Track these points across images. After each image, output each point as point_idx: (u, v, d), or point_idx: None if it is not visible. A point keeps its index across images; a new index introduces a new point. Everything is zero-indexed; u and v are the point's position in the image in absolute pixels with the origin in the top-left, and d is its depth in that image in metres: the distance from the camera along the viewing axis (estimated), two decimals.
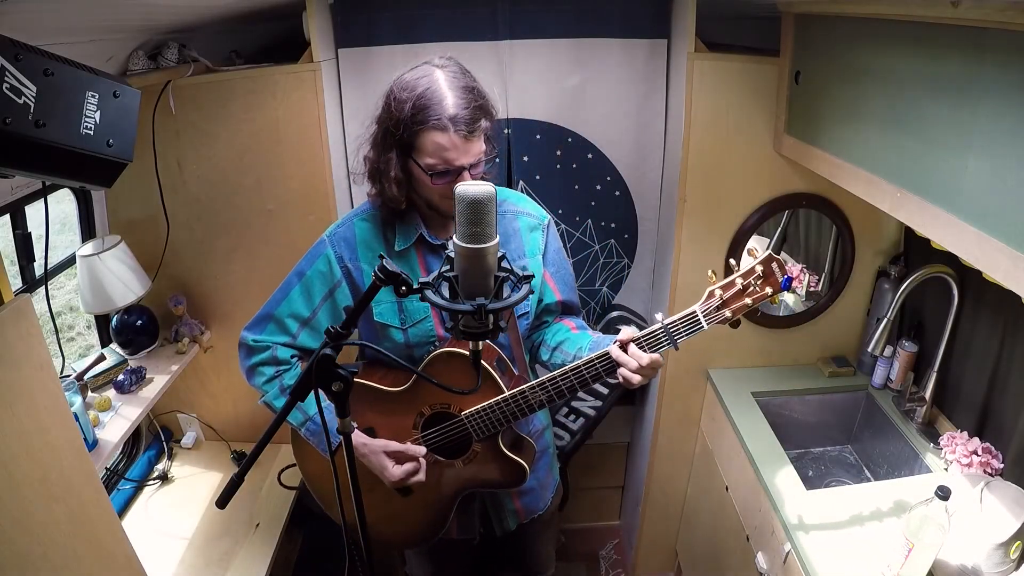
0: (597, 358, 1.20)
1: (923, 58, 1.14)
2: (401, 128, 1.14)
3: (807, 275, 2.15)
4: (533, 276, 0.94)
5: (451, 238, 1.27)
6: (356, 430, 1.28)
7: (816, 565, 1.34)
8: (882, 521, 1.43)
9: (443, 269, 0.91)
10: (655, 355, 1.17)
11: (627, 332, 1.19)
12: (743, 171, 1.81)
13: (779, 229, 2.19)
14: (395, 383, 1.30)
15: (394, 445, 1.26)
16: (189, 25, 1.66)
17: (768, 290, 1.17)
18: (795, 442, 1.94)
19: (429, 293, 0.90)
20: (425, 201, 1.24)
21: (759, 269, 1.17)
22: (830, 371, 1.97)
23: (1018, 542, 1.25)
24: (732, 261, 1.21)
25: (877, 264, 1.94)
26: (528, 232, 1.36)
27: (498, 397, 1.24)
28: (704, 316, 1.19)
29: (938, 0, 1.03)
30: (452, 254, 0.90)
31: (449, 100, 1.12)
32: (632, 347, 1.17)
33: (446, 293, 0.91)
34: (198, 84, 1.70)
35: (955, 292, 1.60)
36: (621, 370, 1.18)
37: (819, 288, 2.07)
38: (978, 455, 1.51)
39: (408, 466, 1.25)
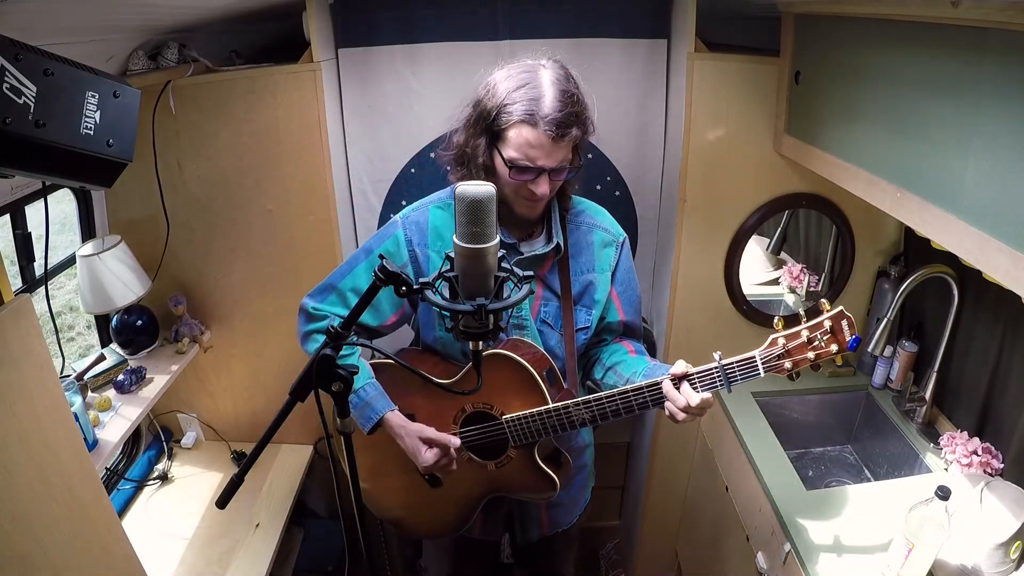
0: (647, 387, 1.18)
1: (923, 58, 1.14)
2: (494, 114, 1.14)
3: (807, 275, 2.15)
4: (533, 276, 0.94)
5: (522, 240, 1.29)
6: (397, 411, 1.29)
7: (816, 565, 1.34)
8: (882, 521, 1.43)
9: (443, 269, 0.91)
10: (707, 395, 1.13)
11: (681, 366, 1.16)
12: (743, 171, 1.81)
13: (779, 229, 2.20)
14: (444, 375, 1.30)
15: (429, 431, 1.26)
16: (189, 25, 1.66)
17: (834, 348, 1.11)
18: (795, 442, 1.94)
19: (429, 293, 0.90)
20: (502, 197, 1.22)
21: (827, 324, 1.11)
22: (830, 371, 1.97)
23: (1018, 542, 1.25)
24: (802, 311, 1.16)
25: (877, 264, 1.94)
26: (601, 247, 1.35)
27: (541, 408, 1.23)
28: (763, 363, 1.14)
29: (938, 0, 1.03)
30: (452, 254, 0.90)
31: (547, 98, 1.12)
32: (684, 385, 1.15)
33: (447, 293, 0.91)
34: (198, 84, 1.70)
35: (955, 292, 1.60)
36: (668, 404, 1.16)
37: (819, 288, 2.08)
38: (978, 455, 1.51)
39: (439, 452, 1.25)
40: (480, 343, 0.96)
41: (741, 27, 1.96)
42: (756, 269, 2.26)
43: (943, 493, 1.17)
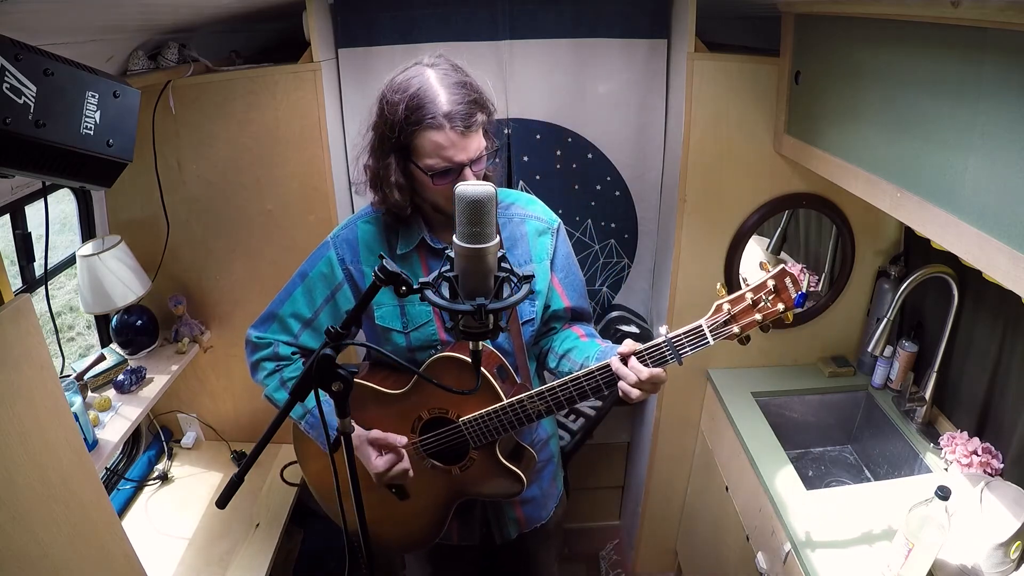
0: (597, 370, 1.18)
1: (923, 58, 1.14)
2: (397, 131, 1.13)
3: (807, 275, 2.15)
4: (533, 276, 0.93)
5: (452, 240, 1.28)
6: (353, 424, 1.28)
7: (816, 565, 1.34)
8: (882, 521, 1.43)
9: (443, 269, 0.91)
10: (656, 370, 1.13)
11: (629, 345, 1.16)
12: (743, 171, 1.81)
13: (779, 229, 2.19)
14: (395, 386, 1.30)
15: (376, 433, 1.24)
16: (189, 25, 1.66)
17: (780, 306, 1.11)
18: (795, 442, 1.94)
19: (429, 293, 0.89)
20: (430, 204, 1.23)
21: (771, 284, 1.11)
22: (830, 371, 1.97)
23: (1018, 542, 1.25)
24: (742, 274, 1.17)
25: (877, 264, 1.94)
26: (536, 236, 1.34)
27: (496, 405, 1.22)
28: (711, 331, 1.15)
29: (938, 0, 1.03)
30: (452, 254, 0.90)
31: (442, 97, 1.11)
32: (633, 360, 1.14)
33: (446, 293, 0.91)
34: (198, 84, 1.70)
35: (955, 292, 1.60)
36: (620, 383, 1.15)
37: (819, 288, 2.07)
38: (978, 455, 1.51)
39: (389, 456, 1.23)
40: (480, 343, 0.96)
41: (741, 27, 1.97)
42: (756, 269, 2.26)
43: (943, 493, 1.17)
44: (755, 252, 2.23)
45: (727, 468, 1.87)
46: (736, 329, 1.14)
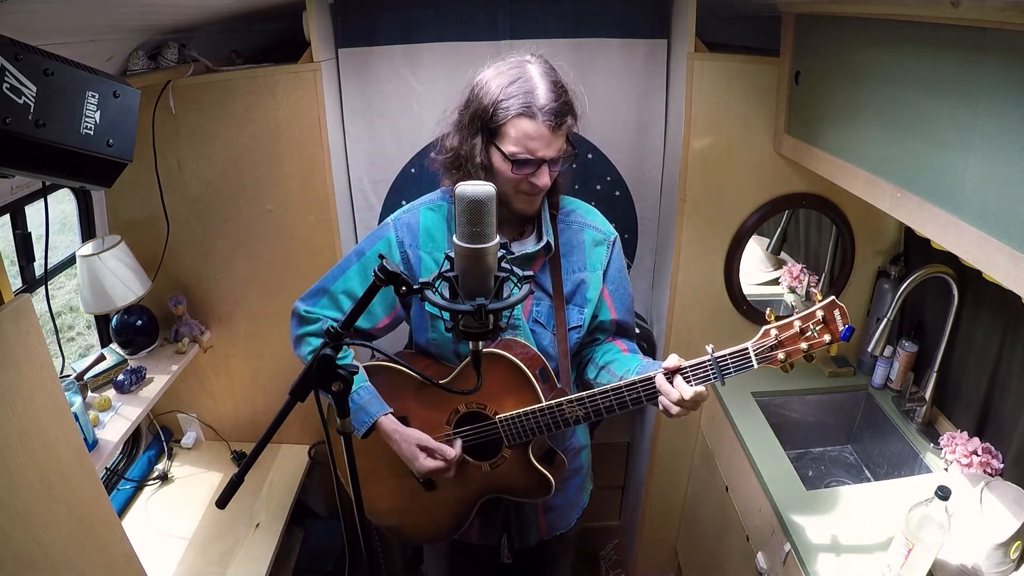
0: (640, 382, 1.18)
1: (923, 58, 1.14)
2: (491, 112, 1.15)
3: (807, 275, 2.15)
4: (533, 276, 0.93)
5: (513, 239, 1.29)
6: (391, 415, 1.29)
7: (816, 565, 1.34)
8: (882, 521, 1.43)
9: (443, 269, 0.91)
10: (700, 388, 1.13)
11: (674, 360, 1.16)
12: (743, 171, 1.81)
13: (779, 229, 2.20)
14: (437, 376, 1.30)
15: (429, 441, 1.26)
16: (189, 25, 1.66)
17: (827, 338, 1.11)
18: (795, 442, 1.94)
19: (429, 293, 0.89)
20: (499, 195, 1.23)
21: (820, 314, 1.10)
22: (830, 371, 1.97)
23: (1018, 542, 1.25)
24: (792, 302, 1.16)
25: (877, 264, 1.94)
26: (592, 246, 1.35)
27: (534, 406, 1.23)
28: (756, 354, 1.14)
29: (938, 0, 1.03)
30: (452, 254, 0.90)
31: (541, 90, 1.13)
32: (678, 378, 1.15)
33: (447, 293, 0.91)
34: (198, 84, 1.70)
35: (955, 292, 1.60)
36: (661, 399, 1.16)
37: (819, 288, 2.08)
38: (978, 455, 1.51)
39: (439, 462, 1.25)
40: (480, 343, 0.96)
41: (741, 27, 1.97)
42: (756, 269, 2.26)
43: (943, 493, 1.17)
44: (755, 252, 2.23)
45: (727, 468, 1.87)
46: (781, 356, 1.13)
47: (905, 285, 1.64)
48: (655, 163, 1.97)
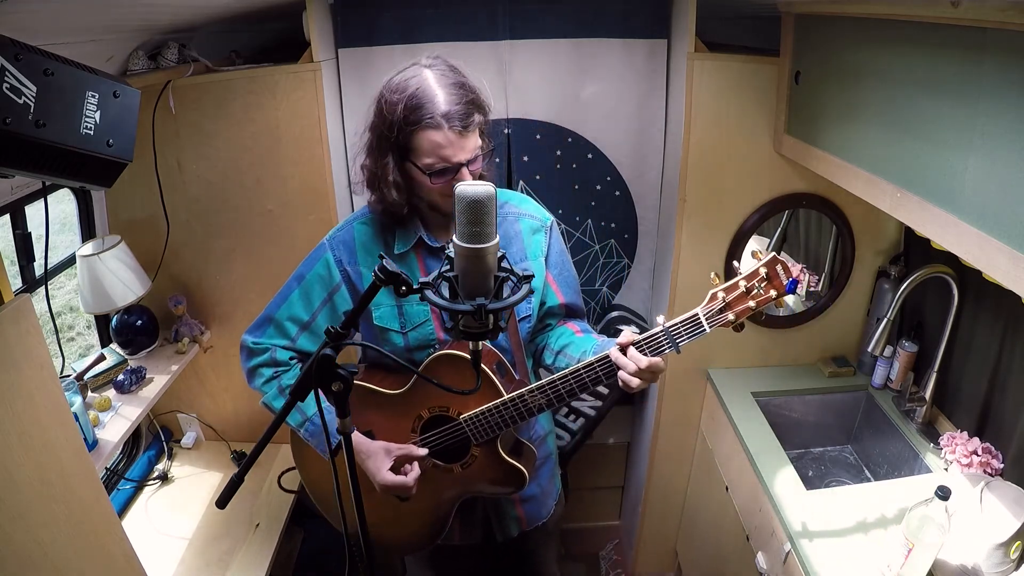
0: (596, 361, 1.19)
1: (923, 58, 1.14)
2: (395, 130, 1.14)
3: (807, 275, 2.15)
4: (533, 276, 0.93)
5: (451, 240, 1.28)
6: (355, 431, 1.28)
7: (816, 565, 1.34)
8: (882, 521, 1.43)
9: (443, 269, 0.91)
10: (655, 359, 1.14)
11: (627, 335, 1.17)
12: (743, 171, 1.81)
13: (779, 229, 2.19)
14: (394, 386, 1.30)
15: (393, 446, 1.25)
16: (189, 25, 1.66)
17: (772, 293, 1.14)
18: (795, 442, 1.94)
19: (429, 293, 0.89)
20: (427, 203, 1.24)
21: (763, 271, 1.14)
22: (830, 371, 1.97)
23: (1018, 542, 1.25)
24: (736, 263, 1.19)
25: (877, 264, 1.94)
26: (530, 234, 1.35)
27: (496, 400, 1.23)
28: (706, 319, 1.16)
29: (938, 0, 1.03)
30: (452, 254, 0.90)
31: (440, 97, 1.12)
32: (631, 350, 1.15)
33: (446, 293, 0.91)
34: (198, 84, 1.70)
35: (955, 292, 1.60)
36: (620, 373, 1.16)
37: (819, 288, 2.07)
38: (978, 455, 1.51)
39: (399, 477, 1.24)
40: (480, 343, 0.96)
41: (741, 27, 1.96)
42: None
43: (943, 493, 1.17)
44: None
45: (727, 468, 1.87)
46: (731, 316, 1.16)
47: (905, 285, 1.64)
48: (655, 163, 1.97)
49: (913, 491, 1.48)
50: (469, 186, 0.86)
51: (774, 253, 1.15)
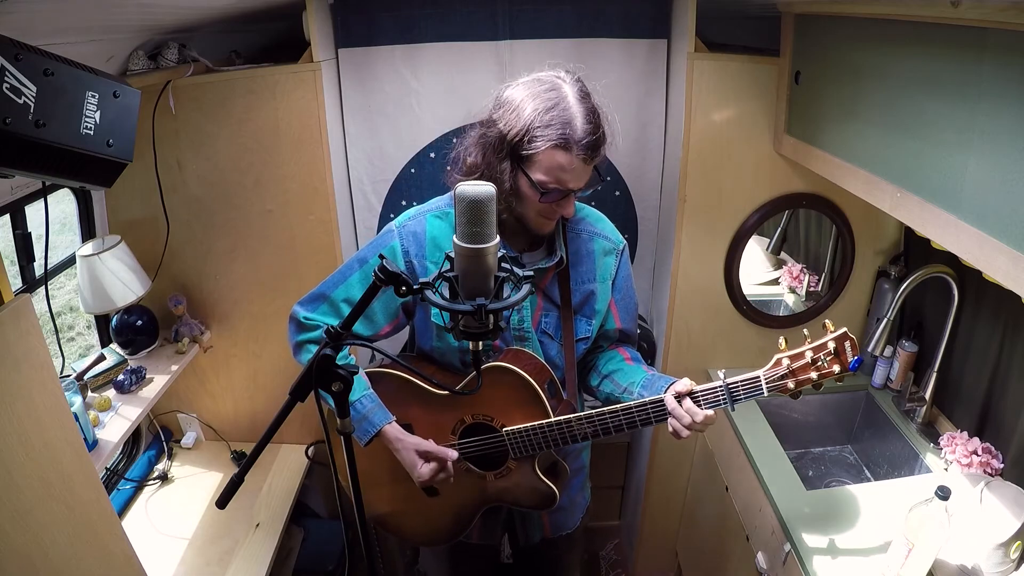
0: (651, 403, 1.18)
1: (923, 58, 1.14)
2: (524, 136, 1.10)
3: (807, 275, 2.15)
4: (533, 276, 0.93)
5: (523, 251, 1.27)
6: (394, 423, 1.27)
7: (816, 565, 1.34)
8: (882, 521, 1.43)
9: (443, 269, 0.91)
10: (710, 412, 1.14)
11: (685, 384, 1.16)
12: (743, 171, 1.81)
13: (779, 229, 2.19)
14: (444, 382, 1.29)
15: (427, 444, 1.25)
16: (189, 25, 1.66)
17: (836, 368, 1.13)
18: (795, 442, 1.94)
19: (429, 293, 0.89)
20: (518, 215, 1.20)
21: (831, 345, 1.12)
22: None
23: (1018, 542, 1.25)
24: (805, 331, 1.18)
25: (877, 264, 1.94)
26: (602, 255, 1.33)
27: (543, 421, 1.22)
28: (767, 383, 1.15)
29: (938, 0, 1.03)
30: (453, 254, 0.90)
31: (578, 120, 1.09)
32: (687, 401, 1.15)
33: (447, 293, 0.91)
34: (198, 84, 1.70)
35: (955, 292, 1.60)
36: (672, 422, 1.16)
37: (819, 288, 2.07)
38: (978, 455, 1.51)
39: (434, 466, 1.24)
40: (480, 343, 0.96)
41: (741, 27, 1.96)
42: (756, 269, 2.25)
43: (943, 493, 1.17)
44: (755, 252, 2.23)
45: (727, 468, 1.87)
46: (791, 384, 1.15)
47: (905, 285, 1.64)
48: (655, 163, 1.97)
49: (913, 491, 1.48)
50: (470, 186, 0.86)
51: (845, 329, 1.14)
